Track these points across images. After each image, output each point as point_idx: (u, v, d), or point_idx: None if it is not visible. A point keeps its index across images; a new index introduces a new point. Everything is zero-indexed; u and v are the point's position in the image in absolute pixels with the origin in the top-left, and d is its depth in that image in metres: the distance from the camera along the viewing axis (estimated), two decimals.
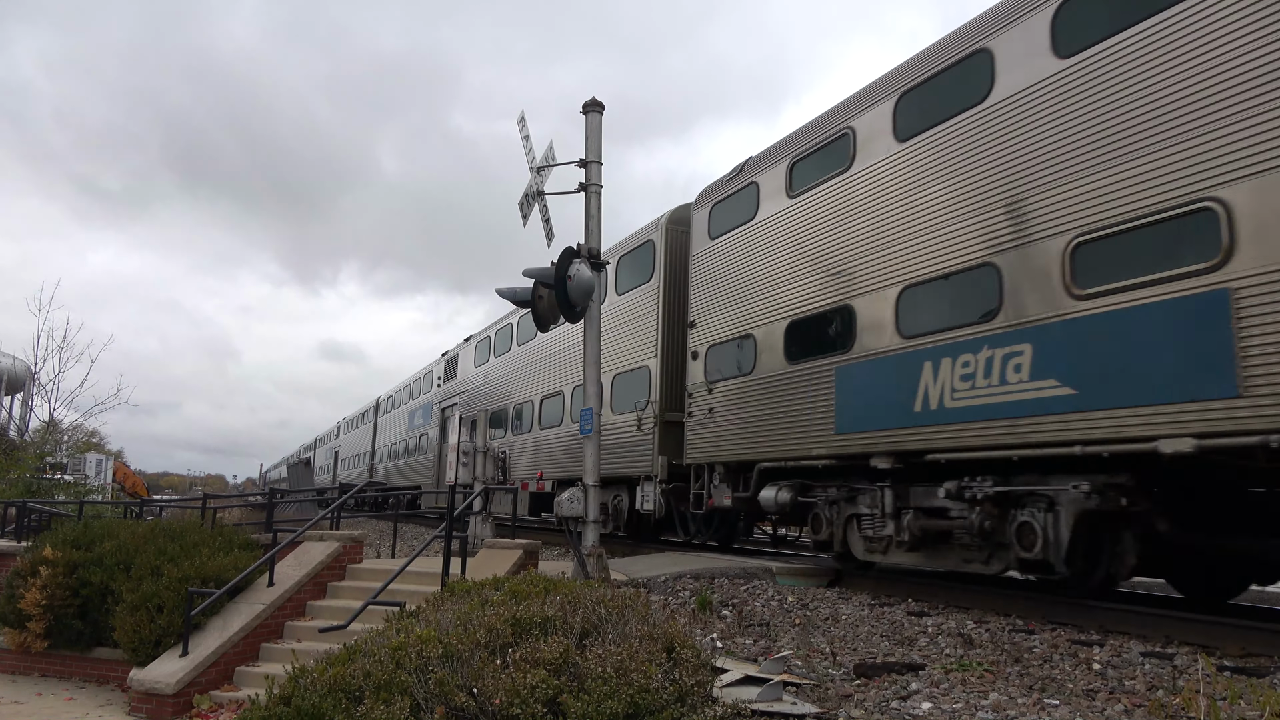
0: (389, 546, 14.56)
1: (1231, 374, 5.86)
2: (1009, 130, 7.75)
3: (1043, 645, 6.58)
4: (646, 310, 14.11)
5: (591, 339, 10.11)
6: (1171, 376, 6.22)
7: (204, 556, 9.04)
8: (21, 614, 9.39)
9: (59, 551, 9.67)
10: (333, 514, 12.04)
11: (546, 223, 10.80)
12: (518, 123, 10.62)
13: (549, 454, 17.48)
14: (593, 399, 9.93)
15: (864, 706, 4.86)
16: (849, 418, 9.35)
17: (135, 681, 7.85)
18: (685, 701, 3.89)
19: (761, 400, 10.84)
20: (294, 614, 8.99)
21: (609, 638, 4.27)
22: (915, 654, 6.44)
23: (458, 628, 4.25)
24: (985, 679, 5.52)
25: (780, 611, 8.21)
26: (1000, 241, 7.69)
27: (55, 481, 24.81)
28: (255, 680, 7.75)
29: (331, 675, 3.92)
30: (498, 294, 10.87)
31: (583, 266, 9.87)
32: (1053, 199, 7.25)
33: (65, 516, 13.98)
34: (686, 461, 12.36)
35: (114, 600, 8.93)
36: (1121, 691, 5.18)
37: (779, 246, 10.86)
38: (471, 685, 3.74)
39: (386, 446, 34.31)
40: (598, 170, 10.21)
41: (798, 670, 5.80)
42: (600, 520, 9.74)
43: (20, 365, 27.32)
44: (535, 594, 5.00)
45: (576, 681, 3.75)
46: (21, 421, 27.41)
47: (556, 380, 17.47)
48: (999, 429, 7.52)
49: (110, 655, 9.23)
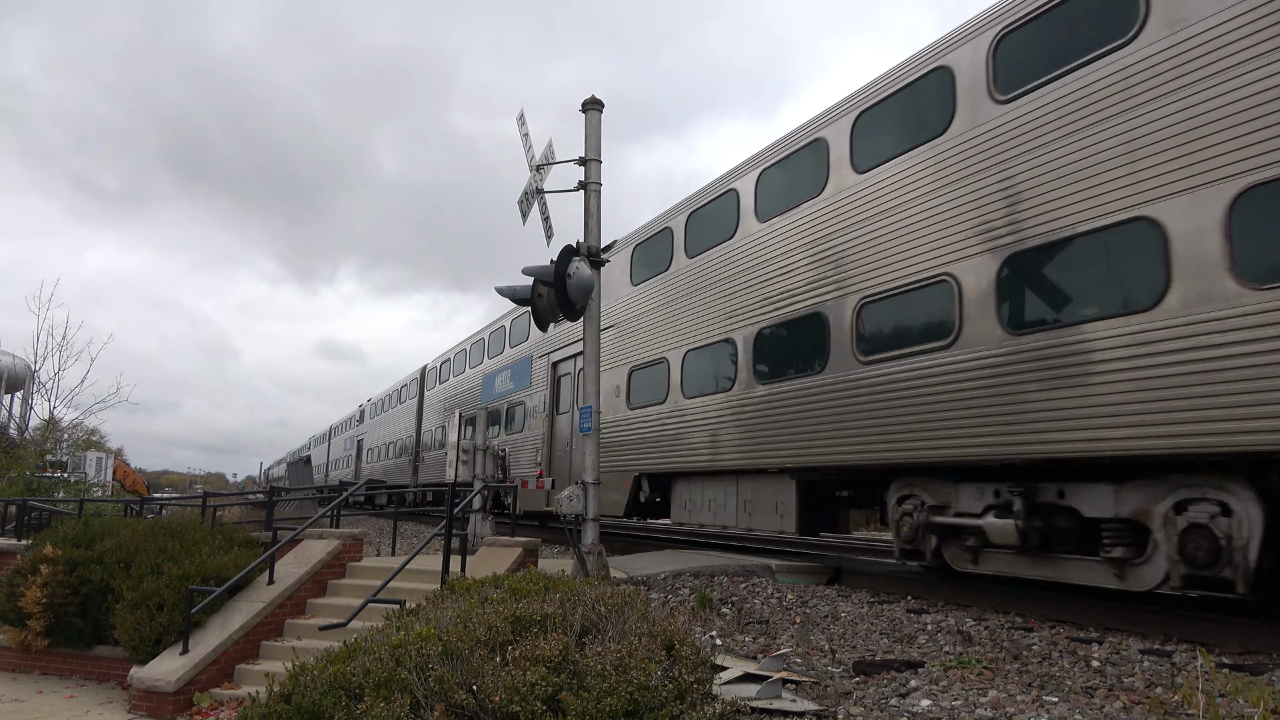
0: (389, 544, 14.58)
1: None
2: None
3: (1042, 643, 6.59)
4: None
5: (591, 337, 10.12)
6: None
7: (204, 554, 9.06)
8: (22, 612, 9.40)
9: (59, 549, 9.69)
10: (333, 512, 12.05)
11: (546, 221, 10.80)
12: (517, 121, 10.62)
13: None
14: (592, 397, 9.93)
15: (863, 704, 4.87)
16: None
17: (136, 679, 7.87)
18: (685, 699, 3.90)
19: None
20: (294, 612, 9.00)
21: (608, 635, 4.28)
22: (914, 651, 6.45)
23: (457, 625, 4.25)
24: (984, 676, 5.54)
25: (780, 609, 8.22)
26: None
27: (55, 480, 24.83)
28: (255, 678, 7.77)
29: (332, 673, 3.92)
30: (497, 292, 10.87)
31: (582, 265, 9.87)
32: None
33: (65, 515, 14.00)
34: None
35: (114, 598, 8.94)
36: (1120, 688, 5.19)
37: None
38: (471, 683, 3.75)
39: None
40: (597, 168, 10.21)
41: (797, 668, 5.81)
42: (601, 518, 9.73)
43: (20, 363, 27.32)
44: (535, 592, 5.00)
45: (576, 679, 3.75)
46: (21, 420, 27.43)
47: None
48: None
49: (111, 653, 9.25)
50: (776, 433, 10.48)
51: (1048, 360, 7.13)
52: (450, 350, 26.20)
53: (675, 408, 12.76)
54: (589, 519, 9.62)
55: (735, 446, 11.28)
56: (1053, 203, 7.22)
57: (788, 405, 10.35)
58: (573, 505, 9.69)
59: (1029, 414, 7.23)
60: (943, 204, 8.34)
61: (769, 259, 11.00)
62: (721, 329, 11.86)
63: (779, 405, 10.50)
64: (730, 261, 11.81)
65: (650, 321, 13.78)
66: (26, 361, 26.65)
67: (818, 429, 9.79)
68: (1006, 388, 7.48)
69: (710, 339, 12.11)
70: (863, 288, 9.32)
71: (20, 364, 27.32)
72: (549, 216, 10.79)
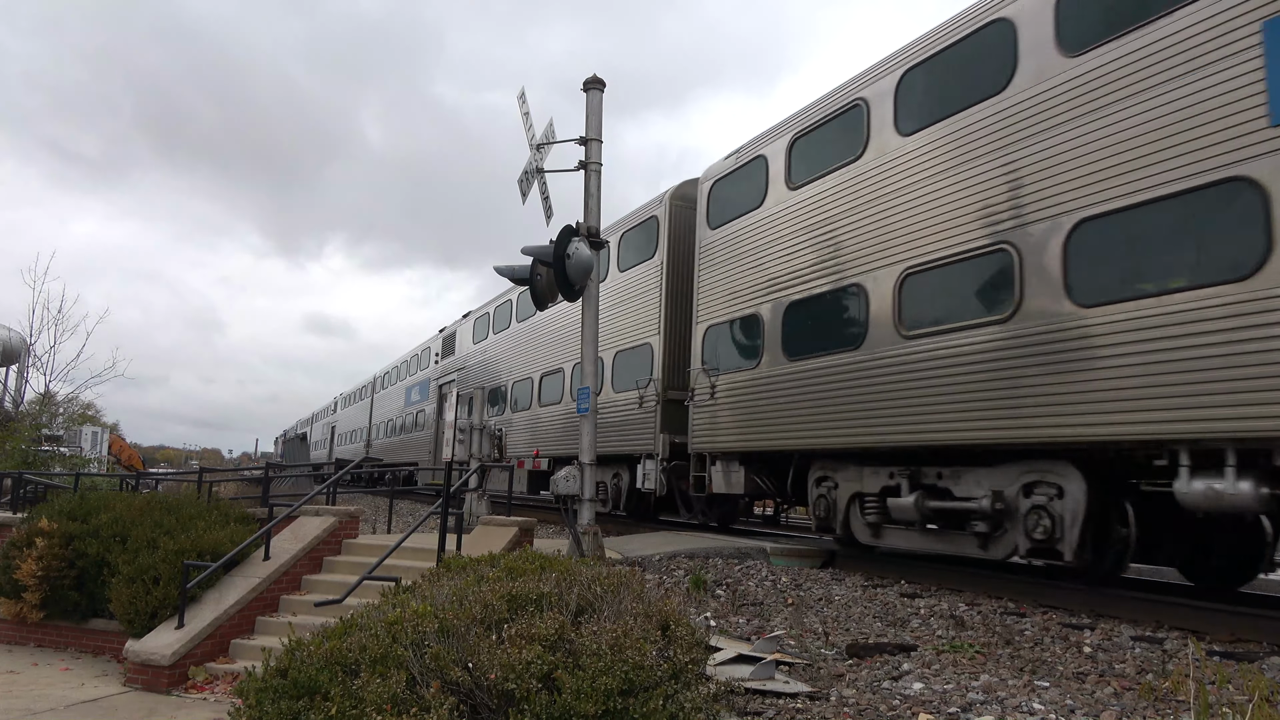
0: (385, 522, 14.61)
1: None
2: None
3: (1034, 628, 6.63)
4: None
5: (590, 318, 10.10)
6: None
7: (200, 530, 9.06)
8: (17, 584, 9.42)
9: (55, 523, 9.69)
10: (329, 489, 12.06)
11: (546, 200, 10.75)
12: (518, 100, 10.54)
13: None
14: (590, 378, 9.92)
15: (856, 686, 4.91)
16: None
17: (131, 653, 7.89)
18: (679, 679, 3.91)
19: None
20: (289, 588, 9.02)
21: (604, 615, 4.29)
22: (907, 635, 6.49)
23: (453, 603, 4.26)
24: (976, 660, 5.57)
25: (774, 592, 8.26)
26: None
27: (51, 454, 24.80)
28: (251, 653, 7.80)
29: (328, 649, 3.93)
30: (496, 271, 10.84)
31: (582, 245, 9.83)
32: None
33: (61, 489, 14.00)
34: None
35: (110, 572, 8.96)
36: (1111, 674, 5.22)
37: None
38: (467, 660, 3.75)
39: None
40: (598, 148, 10.14)
41: (790, 650, 5.84)
42: (601, 499, 9.78)
43: (16, 337, 27.18)
44: (531, 571, 5.01)
45: (571, 658, 3.76)
46: (17, 393, 27.36)
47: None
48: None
49: (106, 626, 9.28)
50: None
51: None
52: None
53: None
54: (585, 499, 9.64)
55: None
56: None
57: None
58: (569, 486, 9.71)
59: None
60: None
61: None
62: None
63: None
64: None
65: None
66: (21, 335, 26.53)
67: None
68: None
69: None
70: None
71: (16, 337, 27.19)
72: (549, 196, 10.74)
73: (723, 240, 12.00)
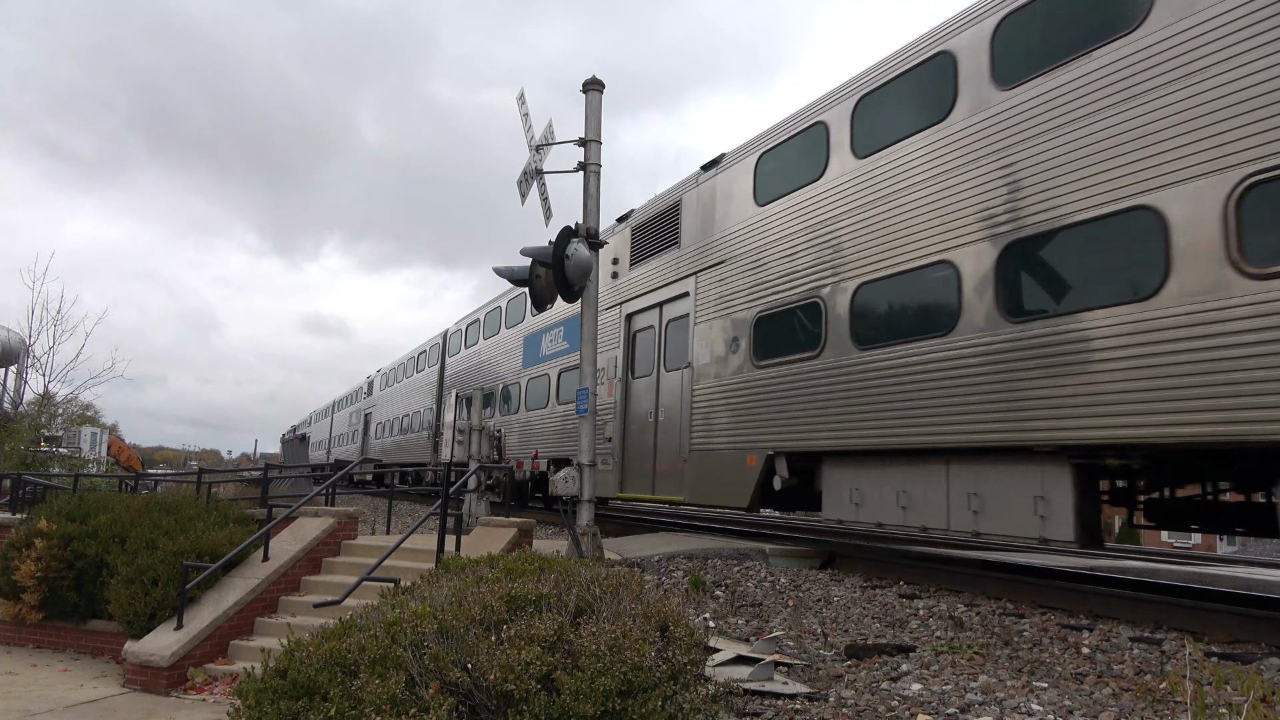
0: (384, 523, 14.61)
1: None
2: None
3: (1032, 629, 6.64)
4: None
5: (589, 319, 10.11)
6: None
7: (199, 531, 9.06)
8: (16, 585, 9.42)
9: (54, 524, 9.69)
10: (328, 490, 12.06)
11: (545, 201, 10.75)
12: (517, 101, 10.55)
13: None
14: (589, 379, 9.93)
15: (854, 687, 4.91)
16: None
17: (130, 654, 7.89)
18: (678, 680, 3.92)
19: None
20: (289, 589, 9.03)
21: (603, 616, 4.29)
22: (906, 636, 6.50)
23: (452, 604, 4.26)
24: (975, 661, 5.58)
25: (773, 592, 8.27)
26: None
27: (50, 454, 24.79)
28: (250, 654, 7.81)
29: (328, 649, 3.93)
30: (495, 272, 10.85)
31: (581, 246, 9.84)
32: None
33: (60, 489, 13.99)
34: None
35: (109, 573, 8.96)
36: (1110, 675, 5.23)
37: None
38: (466, 661, 3.76)
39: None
40: (597, 149, 10.15)
41: (789, 651, 5.85)
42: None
43: (15, 337, 27.16)
44: (530, 572, 5.01)
45: (571, 658, 3.77)
46: (16, 394, 27.34)
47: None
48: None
49: (105, 627, 9.28)
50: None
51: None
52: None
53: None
54: (584, 500, 9.65)
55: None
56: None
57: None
58: (568, 487, 9.71)
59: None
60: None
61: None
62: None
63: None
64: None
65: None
66: (21, 336, 26.52)
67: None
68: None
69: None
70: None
71: (15, 338, 27.17)
72: (548, 197, 10.75)
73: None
